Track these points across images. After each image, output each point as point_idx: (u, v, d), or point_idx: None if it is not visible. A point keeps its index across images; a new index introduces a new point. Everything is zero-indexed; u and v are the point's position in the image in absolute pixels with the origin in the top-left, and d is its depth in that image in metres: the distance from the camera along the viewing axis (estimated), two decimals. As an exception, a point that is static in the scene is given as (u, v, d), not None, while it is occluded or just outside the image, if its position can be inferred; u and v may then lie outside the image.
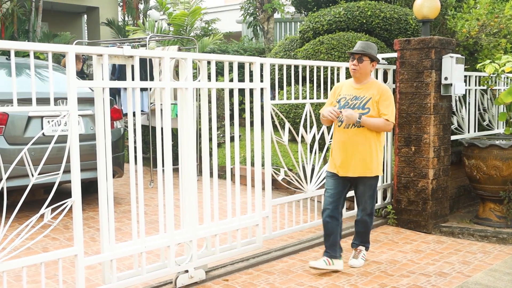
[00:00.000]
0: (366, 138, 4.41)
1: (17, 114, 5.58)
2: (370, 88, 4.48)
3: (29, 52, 3.28)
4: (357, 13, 6.47)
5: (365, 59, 4.45)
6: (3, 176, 3.16)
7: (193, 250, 4.14)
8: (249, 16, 14.81)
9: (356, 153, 4.41)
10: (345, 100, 4.51)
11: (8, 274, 3.26)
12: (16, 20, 12.29)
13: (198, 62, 4.25)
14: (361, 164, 4.42)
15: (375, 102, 4.41)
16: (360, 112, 4.38)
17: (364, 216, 4.65)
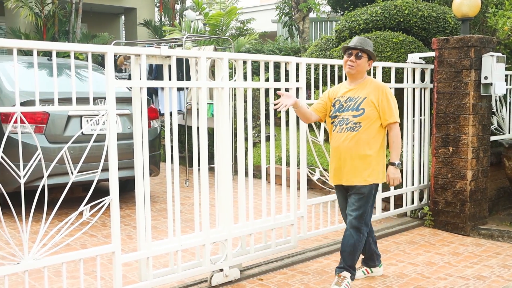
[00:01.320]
0: (362, 142, 3.95)
1: (57, 114, 5.71)
2: (364, 87, 4.04)
3: (69, 53, 3.34)
4: (394, 12, 6.39)
5: (363, 56, 4.02)
6: (44, 173, 3.23)
7: (228, 249, 4.16)
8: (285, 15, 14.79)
9: (350, 160, 3.97)
10: (339, 103, 4.09)
11: (48, 270, 3.34)
12: (57, 21, 12.56)
13: (234, 62, 4.27)
14: (353, 171, 3.97)
15: (371, 102, 3.95)
16: (354, 114, 3.97)
17: (349, 229, 4.00)
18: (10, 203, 3.20)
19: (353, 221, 3.95)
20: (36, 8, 12.15)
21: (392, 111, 3.97)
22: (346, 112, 4.01)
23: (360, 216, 3.96)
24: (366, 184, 3.94)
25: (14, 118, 3.11)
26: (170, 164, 3.95)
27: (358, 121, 3.94)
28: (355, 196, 3.98)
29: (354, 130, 3.95)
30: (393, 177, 4.00)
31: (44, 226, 3.22)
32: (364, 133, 3.94)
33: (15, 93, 3.13)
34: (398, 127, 3.99)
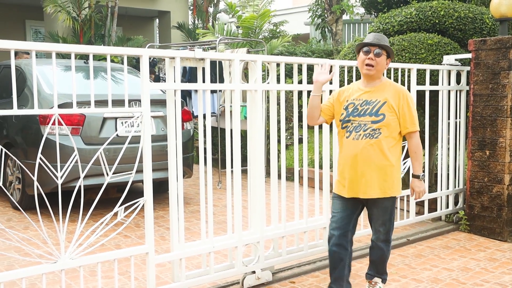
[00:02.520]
0: (382, 151, 3.57)
1: (93, 116, 5.80)
2: (383, 89, 3.65)
3: (105, 56, 3.40)
4: (429, 13, 6.30)
5: (383, 53, 3.62)
6: (81, 174, 3.29)
7: (260, 251, 4.16)
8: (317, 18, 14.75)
9: (369, 170, 3.59)
10: (353, 106, 3.67)
11: (83, 269, 3.40)
12: (93, 25, 12.79)
13: (268, 64, 4.27)
14: (375, 183, 3.59)
15: (392, 107, 3.59)
16: (372, 120, 3.58)
17: (378, 243, 3.84)
18: (48, 203, 3.27)
19: (382, 236, 3.79)
20: (73, 13, 12.40)
21: (414, 118, 3.65)
22: (363, 117, 3.60)
23: (388, 231, 3.79)
24: (387, 196, 3.63)
25: (52, 120, 3.18)
26: (203, 166, 3.98)
27: (377, 127, 3.57)
28: (380, 211, 3.70)
29: (374, 137, 3.57)
30: (419, 191, 3.76)
31: (80, 226, 3.28)
32: (384, 140, 3.58)
33: (54, 96, 3.20)
34: (418, 136, 3.69)
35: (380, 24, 6.63)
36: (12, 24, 15.73)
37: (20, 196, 6.10)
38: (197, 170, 7.67)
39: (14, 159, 6.05)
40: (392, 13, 6.64)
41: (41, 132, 5.75)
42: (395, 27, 6.44)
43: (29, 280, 4.02)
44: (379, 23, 6.67)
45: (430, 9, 6.35)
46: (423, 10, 6.36)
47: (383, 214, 3.71)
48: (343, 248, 3.71)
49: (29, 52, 4.94)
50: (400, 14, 6.50)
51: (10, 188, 6.30)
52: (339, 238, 3.70)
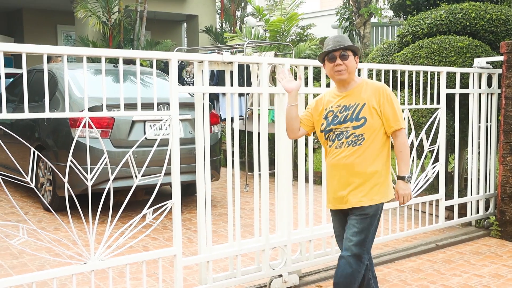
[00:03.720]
0: (366, 158, 3.27)
1: (122, 119, 5.87)
2: (360, 91, 3.34)
3: (134, 60, 3.44)
4: (459, 15, 6.21)
5: (349, 54, 3.32)
6: (110, 177, 3.33)
7: (288, 255, 4.15)
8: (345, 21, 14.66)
9: (352, 179, 3.28)
10: (332, 114, 3.37)
11: (112, 270, 3.43)
12: (122, 29, 12.94)
13: (295, 68, 4.27)
14: (357, 191, 3.28)
15: (373, 109, 3.27)
16: (354, 125, 3.27)
17: (347, 258, 3.25)
18: (78, 204, 3.32)
19: (353, 247, 3.23)
20: (103, 17, 12.57)
21: (397, 115, 3.30)
22: (344, 124, 3.30)
23: (362, 242, 3.24)
24: (372, 203, 3.27)
25: (82, 123, 3.22)
26: (231, 169, 3.99)
27: (360, 132, 3.26)
28: (357, 217, 3.27)
29: (357, 143, 3.26)
30: (403, 193, 3.37)
31: (109, 228, 3.32)
32: (369, 146, 3.27)
33: (84, 99, 3.25)
34: (404, 134, 3.35)
35: (409, 27, 6.56)
36: (44, 29, 16.04)
37: (51, 198, 6.21)
38: (224, 173, 7.70)
39: (46, 161, 6.18)
40: (421, 16, 6.57)
41: (71, 135, 5.84)
42: (425, 30, 6.37)
43: (59, 280, 4.08)
44: (408, 25, 6.60)
45: (460, 11, 6.26)
46: (453, 12, 6.27)
47: (360, 221, 3.25)
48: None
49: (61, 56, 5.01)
50: (429, 16, 6.43)
51: (41, 190, 6.41)
52: None
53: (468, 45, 5.97)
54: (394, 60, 6.56)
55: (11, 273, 4.37)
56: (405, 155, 3.36)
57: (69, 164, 3.18)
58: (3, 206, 6.52)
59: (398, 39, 6.89)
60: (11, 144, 3.46)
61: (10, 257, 4.77)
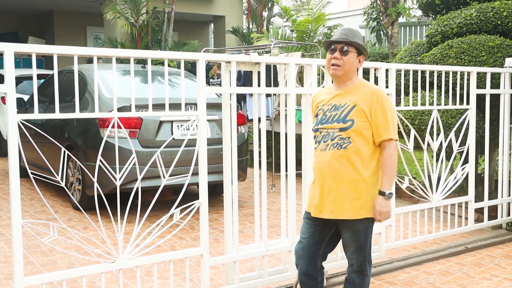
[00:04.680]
0: (352, 163, 3.03)
1: (150, 119, 5.92)
2: (355, 92, 3.11)
3: (161, 60, 3.47)
4: (491, 14, 6.11)
5: (351, 51, 3.10)
6: (138, 176, 3.36)
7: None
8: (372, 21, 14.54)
9: (336, 186, 3.05)
10: (322, 112, 3.17)
11: (140, 269, 3.47)
12: (150, 30, 13.06)
13: (323, 68, 4.25)
14: (344, 201, 3.05)
15: (362, 112, 3.03)
16: (340, 127, 3.05)
17: (351, 274, 3.22)
18: (107, 204, 3.36)
19: (356, 264, 3.17)
20: (131, 19, 12.70)
21: (388, 124, 3.03)
22: (330, 124, 3.09)
23: (363, 259, 3.16)
24: (359, 217, 3.06)
25: (112, 123, 3.26)
26: (257, 170, 3.99)
27: (346, 135, 3.03)
28: (350, 235, 3.11)
29: (342, 147, 3.04)
30: (381, 210, 3.03)
31: (137, 227, 3.35)
32: (355, 151, 3.04)
33: (113, 100, 3.29)
34: (393, 146, 3.05)
35: (438, 26, 6.48)
36: (74, 31, 16.30)
37: (80, 197, 6.29)
38: (250, 174, 7.71)
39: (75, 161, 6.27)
40: (451, 15, 6.48)
41: (100, 135, 5.91)
42: (454, 30, 6.28)
43: (88, 278, 4.13)
44: (437, 25, 6.52)
45: (491, 10, 6.16)
46: (484, 11, 6.17)
47: (355, 240, 3.10)
48: (312, 278, 3.24)
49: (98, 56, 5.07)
50: (459, 16, 6.34)
51: (71, 189, 6.51)
52: (307, 267, 3.22)
53: (500, 44, 5.87)
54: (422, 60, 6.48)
55: (42, 270, 4.44)
56: (390, 170, 3.05)
57: (98, 164, 3.22)
58: (34, 205, 6.64)
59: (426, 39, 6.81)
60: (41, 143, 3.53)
61: (41, 254, 4.85)
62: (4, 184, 7.95)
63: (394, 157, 3.05)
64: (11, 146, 2.92)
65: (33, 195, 7.12)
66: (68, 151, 3.22)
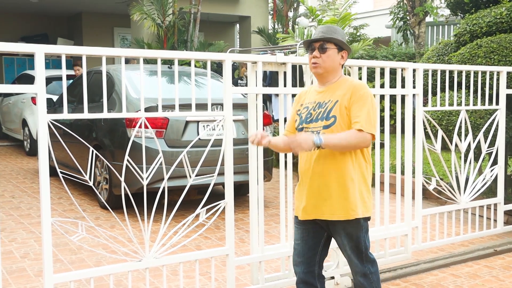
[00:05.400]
0: (339, 162, 2.92)
1: (176, 119, 5.97)
2: (337, 88, 3.00)
3: (187, 61, 3.49)
4: (521, 13, 6.00)
5: (330, 47, 2.98)
6: (165, 176, 3.39)
7: (340, 257, 4.11)
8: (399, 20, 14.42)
9: (325, 186, 2.95)
10: (307, 110, 3.06)
11: (166, 268, 3.50)
12: (176, 31, 13.15)
13: (349, 68, 4.23)
14: (333, 202, 2.94)
15: (344, 107, 2.92)
16: (324, 124, 2.93)
17: (356, 278, 3.11)
18: (134, 203, 3.40)
19: (358, 267, 3.06)
20: (158, 19, 12.81)
21: (362, 113, 2.87)
22: (315, 123, 2.99)
23: (361, 260, 3.05)
24: (350, 218, 2.94)
25: (139, 124, 3.30)
26: (283, 170, 3.99)
27: (329, 133, 2.92)
28: (344, 238, 3.01)
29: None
30: (299, 140, 2.78)
31: (163, 226, 3.38)
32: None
33: (140, 100, 3.32)
34: (366, 137, 2.85)
35: (467, 25, 6.39)
36: (102, 32, 16.52)
37: (107, 196, 6.37)
38: (276, 174, 7.70)
39: (102, 160, 6.35)
40: (480, 14, 6.39)
41: (127, 135, 5.98)
42: (483, 29, 6.18)
43: (115, 276, 4.18)
44: (466, 24, 6.43)
45: (522, 8, 6.05)
46: (514, 10, 6.06)
47: (349, 241, 3.01)
48: (311, 285, 3.13)
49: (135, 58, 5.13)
50: (489, 14, 6.24)
51: (98, 188, 6.59)
52: (305, 275, 3.12)
53: (530, 44, 5.76)
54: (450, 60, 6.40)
55: (70, 268, 4.51)
56: (344, 141, 2.85)
57: (125, 164, 3.26)
58: (63, 203, 6.74)
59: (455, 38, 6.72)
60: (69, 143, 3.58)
61: (69, 252, 4.92)
62: (34, 183, 8.09)
63: (353, 141, 2.85)
64: (41, 145, 2.97)
65: (61, 193, 7.23)
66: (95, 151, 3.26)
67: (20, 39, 16.17)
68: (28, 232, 5.57)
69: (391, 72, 4.64)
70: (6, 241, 5.21)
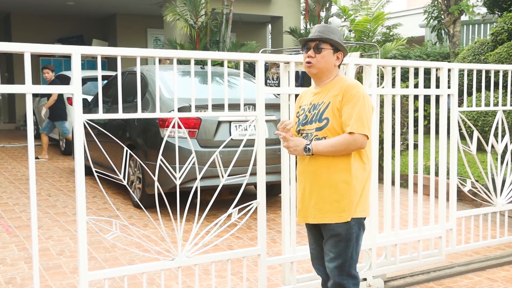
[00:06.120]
0: (331, 164, 2.87)
1: (208, 119, 6.00)
2: (331, 88, 2.95)
3: (219, 61, 3.51)
4: (560, 11, 5.85)
5: (325, 47, 2.94)
6: (197, 176, 3.42)
7: (372, 259, 4.08)
8: (433, 19, 14.22)
9: (317, 188, 2.91)
10: (303, 112, 3.04)
11: (198, 267, 3.52)
12: (208, 32, 13.23)
13: (383, 68, 4.19)
14: (325, 204, 2.89)
15: (336, 109, 2.87)
16: (317, 126, 2.90)
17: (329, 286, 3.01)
18: (167, 202, 3.43)
19: (333, 275, 2.94)
20: (191, 20, 12.91)
21: (353, 115, 2.81)
22: (310, 125, 2.96)
23: (341, 268, 2.91)
24: (341, 221, 2.87)
25: (172, 124, 3.33)
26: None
27: (322, 135, 2.89)
28: (330, 240, 2.92)
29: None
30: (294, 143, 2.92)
31: (196, 226, 3.40)
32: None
33: (174, 100, 3.35)
34: (358, 140, 2.80)
35: (505, 24, 6.26)
36: (135, 33, 16.74)
37: (140, 195, 6.45)
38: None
39: (135, 160, 6.43)
40: (517, 12, 6.26)
41: (160, 135, 6.03)
42: (521, 27, 6.06)
43: (148, 274, 4.23)
44: (503, 23, 6.31)
45: (561, 7, 5.90)
46: (553, 8, 5.92)
47: (335, 245, 2.90)
48: None
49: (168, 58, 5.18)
50: (526, 13, 6.11)
51: (131, 187, 6.67)
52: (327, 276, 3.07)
53: None
54: (487, 60, 6.29)
55: (104, 265, 4.58)
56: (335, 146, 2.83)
57: (158, 163, 3.29)
58: (97, 202, 6.85)
59: (491, 37, 6.60)
60: (103, 143, 3.64)
61: (103, 250, 5.00)
62: (69, 182, 8.24)
63: (344, 146, 2.82)
64: (77, 145, 3.02)
65: (95, 192, 7.34)
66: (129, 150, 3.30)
67: (56, 41, 16.51)
68: (63, 230, 5.68)
69: (425, 72, 4.59)
70: (42, 238, 5.33)
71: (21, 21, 16.58)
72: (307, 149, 2.86)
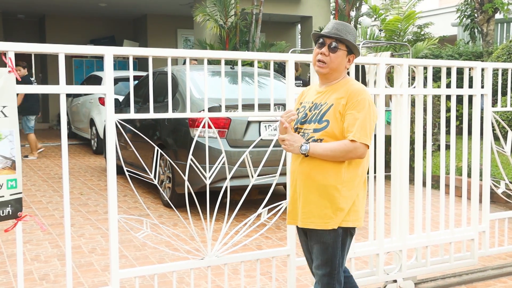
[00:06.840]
0: (323, 167, 2.74)
1: (238, 119, 6.02)
2: (336, 90, 2.82)
3: (249, 61, 3.51)
4: None
5: (341, 48, 2.80)
6: (227, 175, 3.43)
7: (403, 260, 4.04)
8: (466, 18, 13.99)
9: (306, 191, 2.80)
10: (303, 110, 2.91)
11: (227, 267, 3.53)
12: (238, 32, 13.27)
13: (414, 68, 4.15)
14: (313, 209, 2.77)
15: (338, 112, 2.74)
16: (315, 127, 2.78)
17: None
18: (196, 201, 3.45)
19: (323, 282, 2.84)
20: (220, 21, 12.96)
21: (356, 122, 2.69)
22: (308, 124, 2.84)
23: (329, 275, 2.81)
24: (327, 228, 2.75)
25: (202, 123, 3.35)
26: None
27: (319, 137, 2.76)
28: (318, 247, 2.81)
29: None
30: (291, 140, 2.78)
31: (225, 225, 3.42)
32: None
33: (204, 100, 3.37)
34: (359, 149, 2.68)
35: (539, 22, 6.13)
36: (166, 33, 16.90)
37: (170, 194, 6.50)
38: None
39: (166, 160, 6.49)
40: (553, 11, 6.11)
41: (190, 135, 6.07)
42: (557, 26, 5.92)
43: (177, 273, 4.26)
44: (538, 21, 6.17)
45: None
46: None
47: (322, 252, 2.80)
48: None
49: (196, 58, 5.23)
50: None
51: (161, 187, 6.73)
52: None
53: None
54: (521, 59, 6.16)
55: (134, 264, 4.64)
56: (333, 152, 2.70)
57: (189, 163, 3.32)
58: (127, 201, 6.93)
59: (526, 36, 6.46)
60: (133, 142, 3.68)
61: (134, 249, 5.06)
62: (101, 181, 8.36)
63: (343, 152, 2.69)
64: (109, 144, 3.06)
65: (126, 191, 7.43)
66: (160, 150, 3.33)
67: (89, 42, 16.78)
68: (95, 228, 5.77)
69: (458, 72, 4.52)
70: (75, 236, 5.42)
71: (55, 23, 16.91)
72: (304, 148, 2.73)
